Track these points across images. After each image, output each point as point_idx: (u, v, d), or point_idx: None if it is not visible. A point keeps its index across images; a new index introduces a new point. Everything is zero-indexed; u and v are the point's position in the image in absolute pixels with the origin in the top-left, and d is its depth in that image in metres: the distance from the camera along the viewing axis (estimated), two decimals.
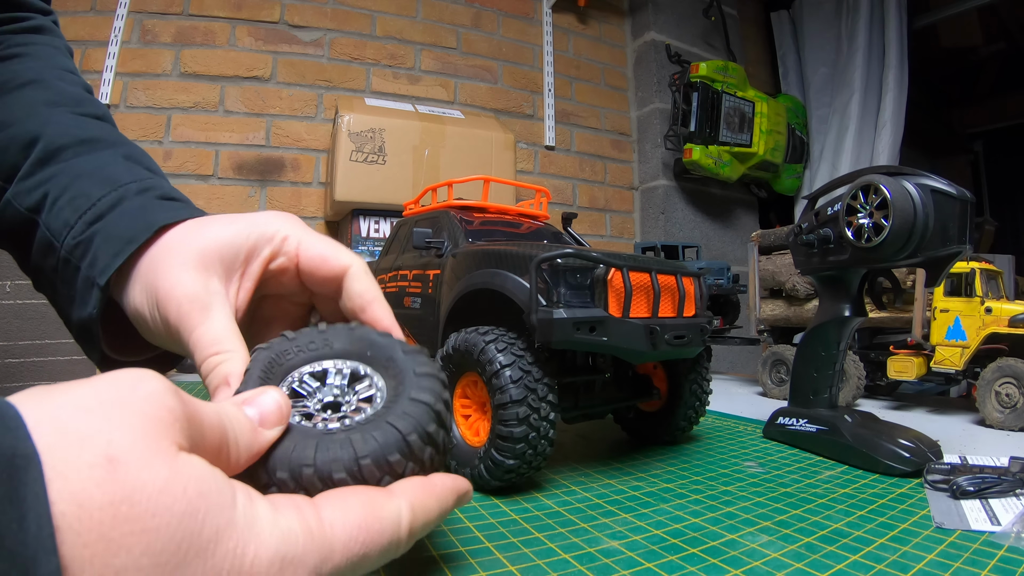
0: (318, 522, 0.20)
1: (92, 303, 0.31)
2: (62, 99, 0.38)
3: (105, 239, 0.31)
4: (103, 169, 0.34)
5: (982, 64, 2.72)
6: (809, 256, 0.54)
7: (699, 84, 1.58)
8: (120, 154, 0.36)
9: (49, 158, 0.34)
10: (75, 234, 0.32)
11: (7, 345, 1.11)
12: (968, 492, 0.39)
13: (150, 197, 0.33)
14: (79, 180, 0.33)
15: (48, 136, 0.35)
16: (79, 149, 0.35)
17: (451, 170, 1.27)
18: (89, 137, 0.36)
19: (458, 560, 0.29)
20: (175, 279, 0.29)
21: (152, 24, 1.29)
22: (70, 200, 0.32)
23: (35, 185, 0.34)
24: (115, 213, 0.32)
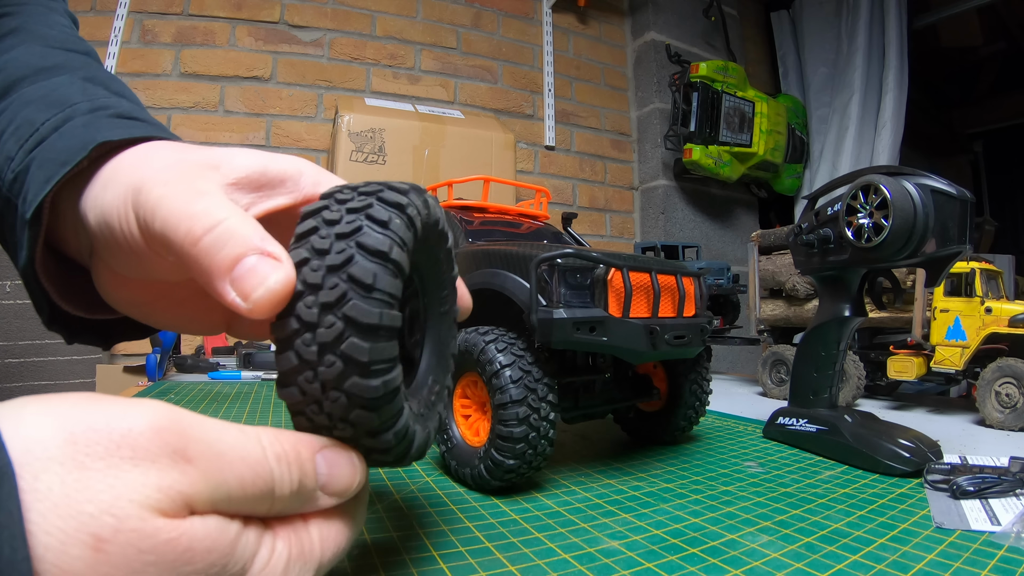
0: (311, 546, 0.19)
1: (24, 245, 0.25)
2: (38, 39, 0.32)
3: (40, 164, 0.25)
4: (53, 92, 0.28)
5: (982, 64, 2.72)
6: (809, 256, 0.54)
7: (699, 84, 1.58)
8: (80, 76, 0.30)
9: (5, 92, 0.29)
10: (15, 166, 0.26)
11: (7, 345, 1.11)
12: (968, 492, 0.39)
13: (101, 115, 0.27)
14: (26, 108, 0.27)
15: (7, 71, 0.29)
16: (37, 78, 0.29)
17: (451, 170, 1.27)
18: (50, 65, 0.30)
19: (458, 560, 0.29)
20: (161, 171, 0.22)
21: (152, 24, 1.29)
22: (15, 130, 0.27)
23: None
24: (55, 135, 0.26)
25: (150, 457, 0.15)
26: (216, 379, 0.87)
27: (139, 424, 0.16)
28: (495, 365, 0.38)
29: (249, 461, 0.17)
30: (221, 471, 0.17)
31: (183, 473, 0.16)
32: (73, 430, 0.15)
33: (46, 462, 0.14)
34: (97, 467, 0.15)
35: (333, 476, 0.20)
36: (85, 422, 0.15)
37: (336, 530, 0.20)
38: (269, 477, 0.18)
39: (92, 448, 0.15)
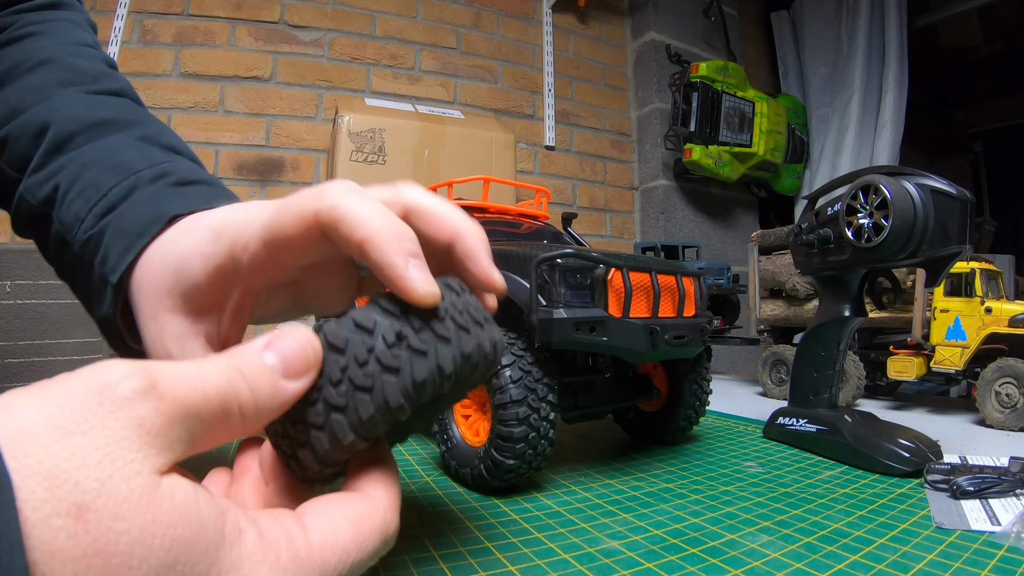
0: (308, 548, 0.19)
1: (107, 302, 0.29)
2: (76, 77, 0.35)
3: (115, 233, 0.28)
4: (113, 155, 0.31)
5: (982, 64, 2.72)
6: (809, 256, 0.54)
7: (699, 84, 1.58)
8: (134, 136, 0.33)
9: (59, 147, 0.32)
10: (86, 228, 0.29)
11: (7, 345, 1.11)
12: (968, 492, 0.39)
13: (164, 184, 0.30)
14: (88, 169, 0.30)
15: (58, 123, 0.32)
16: (90, 134, 0.32)
17: (451, 170, 1.27)
18: (100, 120, 0.33)
19: (458, 560, 0.29)
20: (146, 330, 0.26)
21: (152, 24, 1.29)
22: (80, 192, 0.30)
23: (46, 177, 0.31)
24: (126, 205, 0.29)
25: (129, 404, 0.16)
26: None
27: (114, 377, 0.16)
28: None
29: (210, 376, 0.18)
30: (189, 394, 0.17)
31: (159, 412, 0.16)
32: (59, 399, 0.15)
33: (35, 436, 0.14)
34: (83, 429, 0.15)
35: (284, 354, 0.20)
36: (66, 390, 0.15)
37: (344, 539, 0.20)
38: (230, 384, 0.18)
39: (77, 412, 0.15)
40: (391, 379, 0.20)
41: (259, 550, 0.18)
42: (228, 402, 0.18)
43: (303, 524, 0.20)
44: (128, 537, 0.15)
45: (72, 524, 0.14)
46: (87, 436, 0.15)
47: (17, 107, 0.33)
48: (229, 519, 0.17)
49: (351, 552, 0.20)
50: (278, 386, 0.20)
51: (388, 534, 0.21)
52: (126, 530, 0.15)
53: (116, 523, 0.14)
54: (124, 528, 0.14)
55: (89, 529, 0.14)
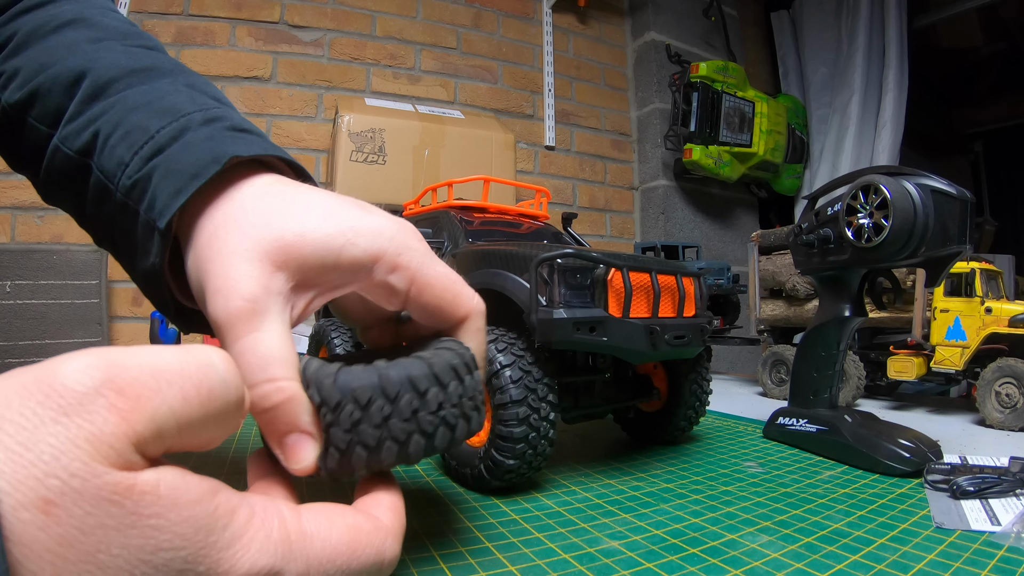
0: (299, 533, 0.19)
1: (154, 251, 0.26)
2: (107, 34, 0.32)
3: (165, 174, 0.26)
4: (162, 99, 0.29)
5: (982, 64, 2.72)
6: (809, 256, 0.54)
7: (699, 84, 1.58)
8: (181, 83, 0.30)
9: (98, 93, 0.29)
10: (131, 172, 0.27)
11: (7, 345, 1.11)
12: (968, 492, 0.39)
13: (219, 127, 0.28)
14: (134, 113, 0.28)
15: (96, 70, 0.29)
16: (132, 80, 0.29)
17: (451, 170, 1.27)
18: (143, 66, 0.30)
19: (458, 560, 0.29)
20: (230, 266, 0.23)
21: (152, 24, 1.29)
22: (124, 135, 0.27)
23: (85, 124, 0.29)
24: (177, 145, 0.26)
25: (78, 400, 0.15)
26: None
27: (63, 370, 0.15)
28: (495, 365, 0.38)
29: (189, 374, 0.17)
30: (160, 392, 0.16)
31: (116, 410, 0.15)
32: (7, 393, 0.15)
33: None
34: (33, 424, 0.14)
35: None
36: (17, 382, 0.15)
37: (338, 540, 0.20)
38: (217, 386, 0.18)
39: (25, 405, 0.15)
40: (419, 439, 0.23)
41: (250, 527, 0.18)
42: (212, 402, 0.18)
43: (298, 512, 0.20)
44: (100, 529, 0.15)
45: (41, 518, 0.14)
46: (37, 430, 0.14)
47: (46, 63, 0.30)
48: (221, 499, 0.17)
49: (342, 554, 0.20)
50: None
51: (384, 557, 0.21)
52: (99, 523, 0.15)
53: (87, 517, 0.14)
54: (97, 522, 0.14)
55: (60, 522, 0.14)
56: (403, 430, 0.23)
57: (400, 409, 0.23)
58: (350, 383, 0.22)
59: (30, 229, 1.20)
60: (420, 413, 0.23)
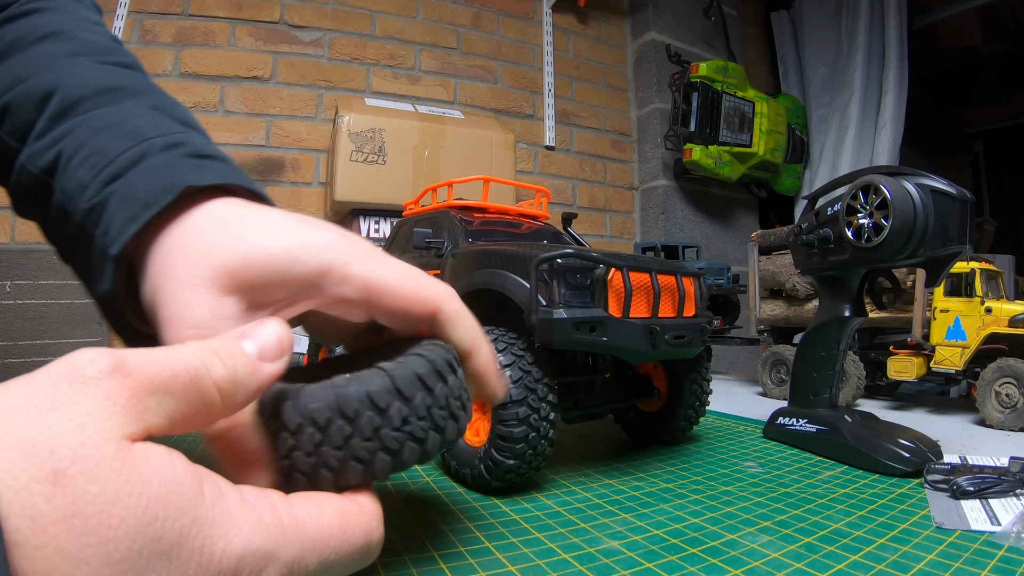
0: (291, 518, 0.19)
1: (107, 278, 0.26)
2: (85, 48, 0.32)
3: (120, 201, 0.26)
4: (125, 121, 0.28)
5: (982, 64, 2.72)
6: (809, 256, 0.54)
7: (699, 84, 1.58)
8: (147, 104, 0.30)
9: (65, 112, 0.29)
10: (89, 196, 0.26)
11: (7, 345, 1.11)
12: (968, 492, 0.39)
13: (178, 154, 0.27)
14: (97, 135, 0.28)
15: (65, 88, 0.29)
16: (99, 100, 0.29)
17: (451, 170, 1.27)
18: (112, 86, 0.30)
19: (458, 560, 0.29)
20: (179, 293, 0.24)
21: (152, 24, 1.29)
22: (86, 158, 0.27)
23: (50, 143, 0.28)
24: (134, 172, 0.26)
25: (95, 382, 0.17)
26: None
27: (81, 360, 0.17)
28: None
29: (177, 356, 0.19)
30: (158, 373, 0.18)
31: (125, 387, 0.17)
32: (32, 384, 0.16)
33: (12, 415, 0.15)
34: (55, 406, 0.16)
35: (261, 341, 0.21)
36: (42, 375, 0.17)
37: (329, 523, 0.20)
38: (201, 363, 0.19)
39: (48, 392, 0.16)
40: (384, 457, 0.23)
41: (242, 509, 0.18)
42: (200, 378, 0.19)
43: (288, 500, 0.20)
44: (103, 498, 0.15)
45: (50, 489, 0.15)
46: (59, 411, 0.16)
47: (21, 75, 0.30)
48: (208, 481, 0.18)
49: (334, 536, 0.20)
50: (255, 365, 0.20)
51: (372, 538, 0.21)
52: (101, 491, 0.15)
53: (91, 485, 0.15)
54: (99, 490, 0.15)
55: (67, 492, 0.15)
56: (366, 449, 0.22)
57: (360, 428, 0.22)
58: (308, 404, 0.21)
59: (30, 229, 1.20)
60: (383, 430, 0.22)
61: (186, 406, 0.19)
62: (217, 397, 0.19)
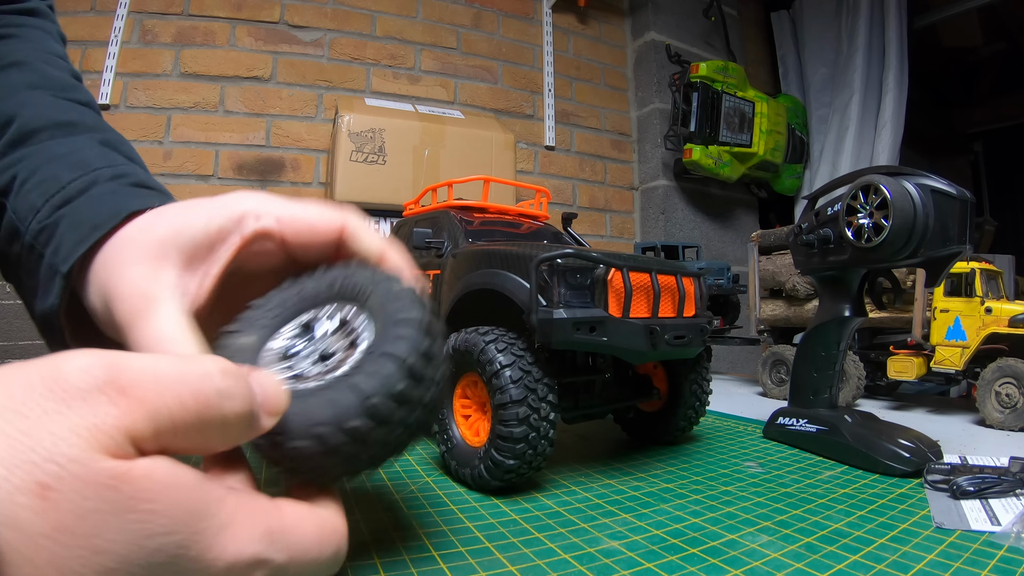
0: (280, 526, 0.20)
1: (54, 293, 0.28)
2: (45, 82, 0.36)
3: (71, 224, 0.29)
4: (75, 153, 0.32)
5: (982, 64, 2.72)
6: (809, 256, 0.54)
7: (699, 84, 1.58)
8: (96, 139, 0.34)
9: (22, 140, 0.32)
10: (40, 218, 0.29)
11: (7, 345, 1.11)
12: (968, 492, 0.39)
13: (122, 183, 0.31)
14: (50, 163, 0.31)
15: (23, 117, 0.32)
16: (54, 132, 0.33)
17: (451, 170, 1.27)
18: (66, 120, 0.34)
19: (458, 560, 0.29)
20: (124, 275, 0.26)
21: (152, 24, 1.29)
22: (38, 183, 0.30)
23: (5, 167, 0.31)
24: (84, 198, 0.30)
25: (81, 395, 0.16)
26: None
27: (67, 367, 0.16)
28: (495, 365, 0.38)
29: (188, 382, 0.18)
30: (160, 395, 0.17)
31: (117, 405, 0.16)
32: (10, 386, 0.16)
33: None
34: (35, 414, 0.15)
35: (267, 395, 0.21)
36: (21, 376, 0.16)
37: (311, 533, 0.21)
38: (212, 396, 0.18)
39: (28, 397, 0.16)
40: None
41: (237, 516, 0.19)
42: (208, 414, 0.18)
43: (279, 506, 0.21)
44: (98, 515, 0.15)
45: (38, 502, 0.14)
46: (41, 421, 0.15)
47: None
48: (209, 488, 0.18)
49: (313, 547, 0.21)
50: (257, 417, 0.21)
51: (341, 551, 0.22)
52: (95, 508, 0.15)
53: (85, 501, 0.15)
54: (93, 506, 0.15)
55: (57, 507, 0.15)
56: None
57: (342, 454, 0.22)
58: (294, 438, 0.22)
59: None
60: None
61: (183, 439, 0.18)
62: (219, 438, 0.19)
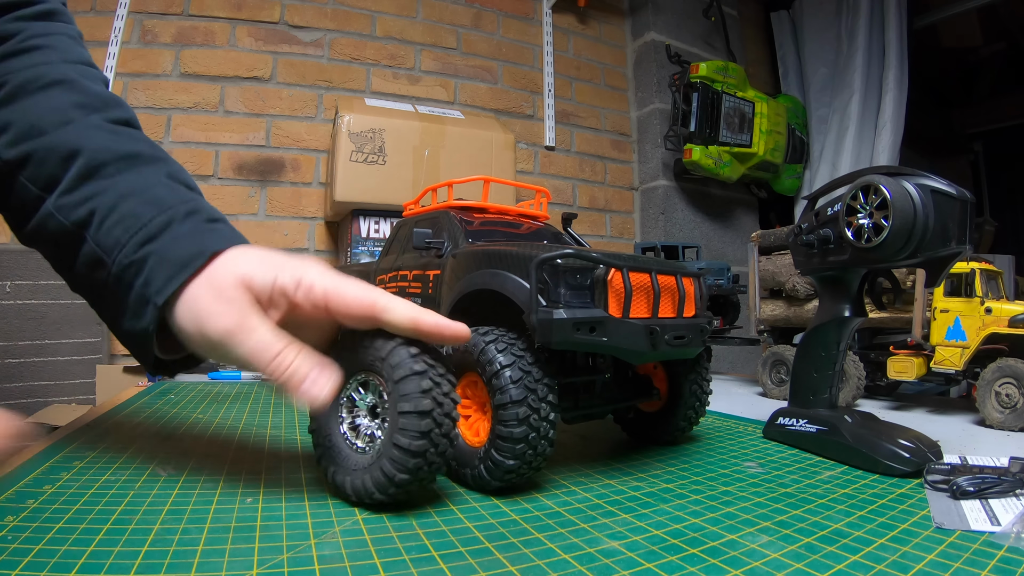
0: None
1: (148, 319, 0.35)
2: (92, 101, 0.39)
3: (160, 261, 0.35)
4: (149, 190, 0.37)
5: (982, 64, 2.72)
6: (809, 256, 0.54)
7: (699, 84, 1.58)
8: (163, 173, 0.39)
9: (91, 173, 0.36)
10: (127, 253, 0.35)
11: (7, 345, 1.11)
12: (968, 492, 0.39)
13: (198, 221, 0.37)
14: (126, 200, 0.36)
15: (88, 151, 0.37)
16: (120, 165, 0.37)
17: (451, 170, 1.27)
18: (128, 152, 0.38)
19: (458, 560, 0.29)
20: (217, 310, 0.34)
21: (152, 24, 1.29)
22: (119, 220, 0.35)
23: (80, 200, 0.36)
24: (167, 236, 0.35)
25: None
26: (216, 379, 0.87)
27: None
28: (495, 365, 0.38)
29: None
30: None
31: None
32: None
33: None
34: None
35: None
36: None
37: None
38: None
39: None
40: None
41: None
42: None
43: None
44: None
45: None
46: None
47: (36, 124, 0.37)
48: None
49: None
50: None
51: None
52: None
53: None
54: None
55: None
56: None
57: None
58: None
59: None
60: None
61: None
62: None
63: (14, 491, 0.34)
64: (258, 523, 0.32)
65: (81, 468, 0.39)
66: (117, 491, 0.35)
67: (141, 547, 0.28)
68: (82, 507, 0.32)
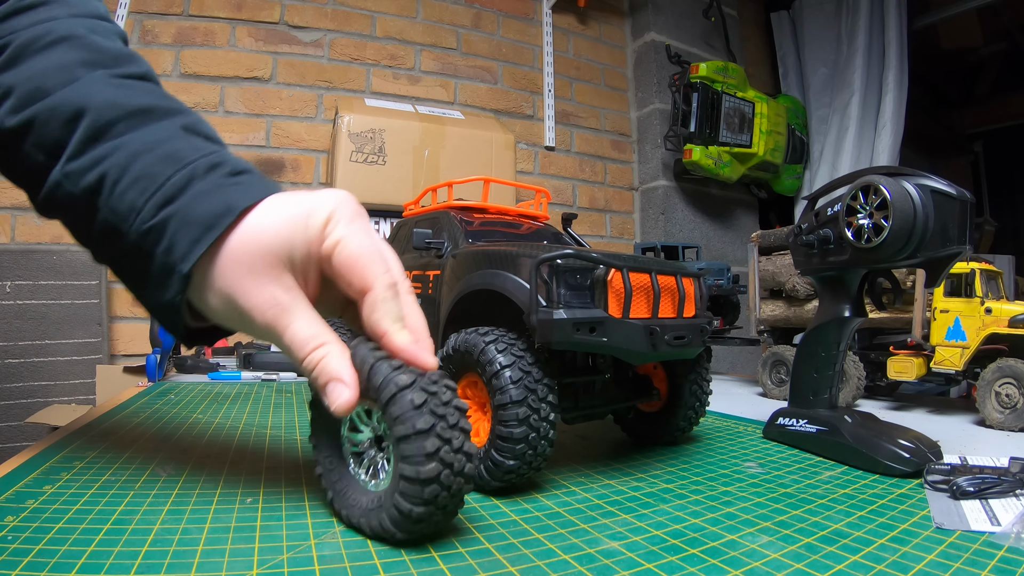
0: None
1: (174, 289, 0.31)
2: (98, 58, 0.34)
3: (182, 224, 0.30)
4: (163, 144, 0.32)
5: (982, 64, 2.72)
6: (809, 256, 0.54)
7: (699, 84, 1.58)
8: (178, 125, 0.34)
9: (99, 135, 0.32)
10: (144, 218, 0.31)
11: (7, 345, 1.11)
12: (968, 492, 0.39)
13: (221, 175, 0.32)
14: (139, 159, 0.31)
15: (95, 109, 0.32)
16: (131, 122, 0.32)
17: (451, 170, 1.27)
18: (139, 107, 0.33)
19: (458, 560, 0.29)
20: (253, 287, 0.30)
21: (152, 24, 1.29)
22: (133, 181, 0.31)
23: (89, 165, 0.31)
24: (188, 195, 0.31)
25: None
26: (216, 379, 0.87)
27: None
28: (495, 366, 0.38)
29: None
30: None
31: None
32: None
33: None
34: None
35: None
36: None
37: None
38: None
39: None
40: None
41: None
42: None
43: None
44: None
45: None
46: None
47: (40, 86, 0.32)
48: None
49: None
50: None
51: None
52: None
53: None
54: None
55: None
56: None
57: None
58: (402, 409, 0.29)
59: (30, 229, 1.20)
60: None
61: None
62: None
63: (14, 491, 0.34)
64: (258, 523, 0.32)
65: (81, 468, 0.39)
66: (117, 491, 0.35)
67: (141, 547, 0.28)
68: (82, 507, 0.32)
